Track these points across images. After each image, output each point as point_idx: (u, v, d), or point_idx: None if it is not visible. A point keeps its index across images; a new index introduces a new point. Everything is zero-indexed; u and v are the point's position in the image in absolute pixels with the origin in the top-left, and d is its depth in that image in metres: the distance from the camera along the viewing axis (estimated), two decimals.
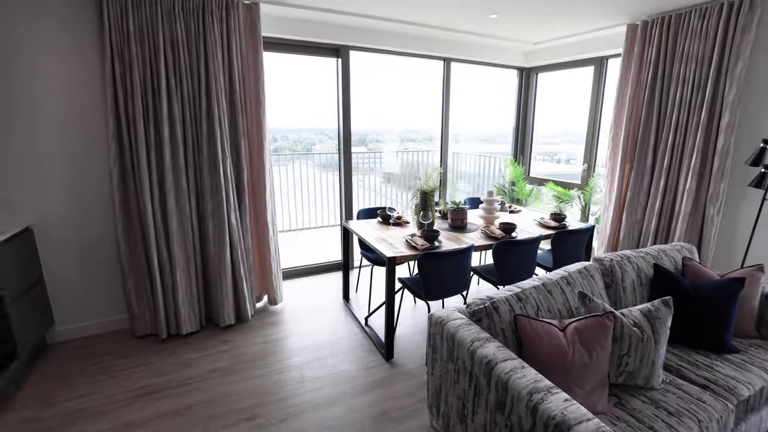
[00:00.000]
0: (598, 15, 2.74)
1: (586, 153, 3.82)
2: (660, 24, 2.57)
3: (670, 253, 2.01)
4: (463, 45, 3.83)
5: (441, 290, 2.35)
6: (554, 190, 3.86)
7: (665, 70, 2.60)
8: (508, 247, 2.44)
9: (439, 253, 2.21)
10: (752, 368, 1.59)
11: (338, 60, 3.47)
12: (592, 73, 3.61)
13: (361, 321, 2.87)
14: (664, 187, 2.68)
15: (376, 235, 2.68)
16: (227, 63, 2.54)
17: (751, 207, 2.38)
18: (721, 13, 2.26)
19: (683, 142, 2.55)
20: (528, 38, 3.60)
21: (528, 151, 4.64)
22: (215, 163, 2.54)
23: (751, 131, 2.34)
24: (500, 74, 4.49)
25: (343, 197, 3.75)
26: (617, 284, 1.82)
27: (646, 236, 2.85)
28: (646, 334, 1.42)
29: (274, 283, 3.06)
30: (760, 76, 2.26)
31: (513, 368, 1.25)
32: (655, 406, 1.39)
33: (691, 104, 2.47)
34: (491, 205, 3.11)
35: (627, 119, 2.86)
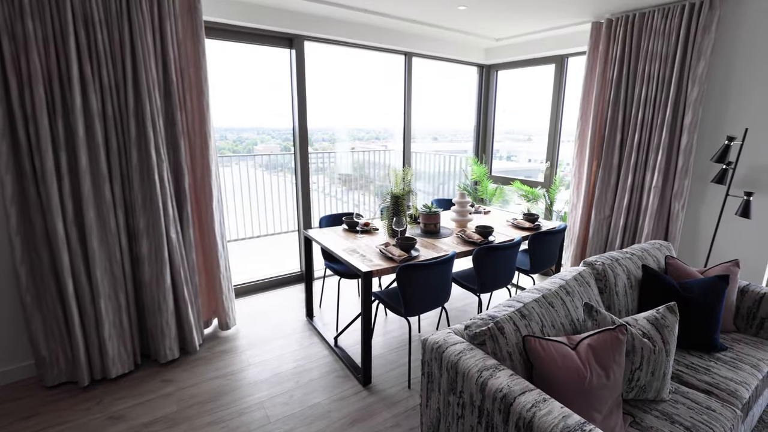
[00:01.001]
0: (564, 12, 2.76)
1: (548, 151, 3.90)
2: (624, 23, 2.64)
3: (653, 252, 2.02)
4: (426, 39, 3.73)
5: (422, 304, 2.18)
6: (521, 189, 3.89)
7: (630, 68, 2.67)
8: (488, 253, 2.34)
9: (420, 265, 2.04)
10: (744, 366, 1.61)
11: (292, 51, 3.18)
12: (553, 71, 3.68)
13: (330, 341, 2.62)
14: (631, 184, 2.76)
15: (344, 246, 2.45)
16: (160, 49, 2.16)
17: (712, 203, 2.51)
18: (683, 13, 2.35)
19: (649, 140, 2.64)
20: (491, 34, 3.57)
21: (490, 150, 4.67)
22: (148, 168, 2.15)
23: (712, 129, 2.47)
24: (460, 71, 4.46)
25: (300, 202, 3.46)
26: (611, 289, 1.77)
27: (614, 233, 2.93)
28: (657, 345, 1.36)
29: (226, 304, 2.71)
30: (721, 75, 2.39)
31: (534, 403, 1.10)
32: (670, 422, 1.33)
33: (655, 102, 2.56)
34: (463, 207, 3.01)
35: (593, 117, 2.92)
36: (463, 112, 4.79)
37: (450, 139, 6.29)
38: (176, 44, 2.24)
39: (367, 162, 5.58)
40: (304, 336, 2.73)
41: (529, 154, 5.78)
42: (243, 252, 4.56)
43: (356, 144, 6.46)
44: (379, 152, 5.65)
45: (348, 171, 5.59)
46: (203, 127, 2.39)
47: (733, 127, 2.36)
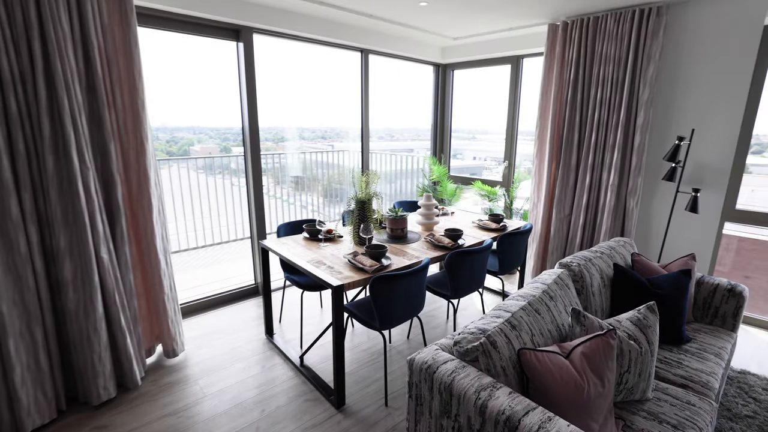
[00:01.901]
0: (522, 13, 2.81)
1: (506, 150, 4.00)
2: (579, 26, 2.75)
3: (619, 249, 2.11)
4: (384, 36, 3.64)
5: (397, 316, 2.09)
6: (482, 189, 3.95)
7: (586, 70, 2.79)
8: (461, 258, 2.30)
9: (395, 275, 1.94)
10: (709, 356, 1.72)
11: (239, 44, 2.93)
12: (509, 72, 3.77)
13: (295, 360, 2.44)
14: (589, 182, 2.89)
15: (309, 257, 2.29)
16: (79, 34, 1.85)
17: (663, 199, 2.70)
18: (634, 18, 2.50)
19: (605, 140, 2.78)
20: (449, 33, 3.58)
21: (448, 149, 4.71)
22: (69, 176, 1.83)
23: (661, 129, 2.65)
24: (416, 70, 4.44)
25: (253, 208, 3.22)
26: (587, 289, 1.80)
27: (574, 231, 3.05)
28: (644, 347, 1.39)
29: (172, 328, 2.42)
30: (668, 78, 2.56)
31: (540, 424, 1.05)
32: (658, 422, 1.35)
33: (610, 103, 2.69)
34: (430, 209, 2.97)
35: (552, 117, 3.02)
36: (420, 111, 4.79)
37: (406, 138, 6.28)
38: (100, 29, 1.93)
39: (319, 163, 5.38)
40: (266, 357, 2.52)
41: (474, 152, 5.93)
42: (186, 265, 4.17)
43: (301, 144, 6.22)
44: (334, 153, 5.48)
45: (299, 173, 5.35)
46: (138, 128, 2.10)
47: (680, 128, 2.55)
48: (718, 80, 2.36)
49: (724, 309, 1.97)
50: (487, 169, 5.76)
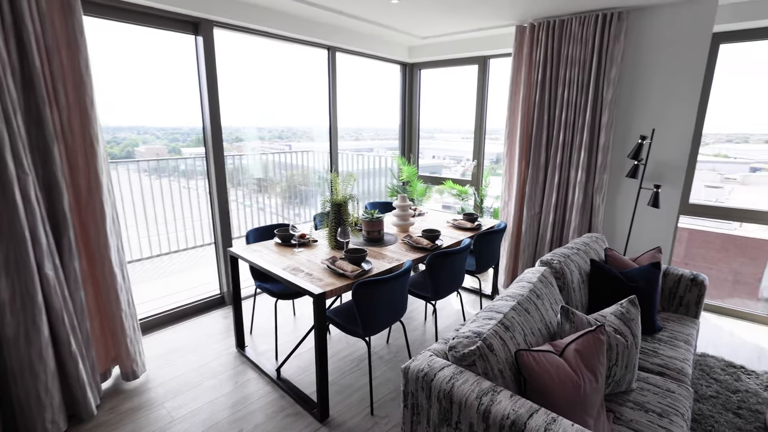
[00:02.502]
0: (490, 14, 2.87)
1: (474, 149, 4.08)
2: (546, 28, 2.85)
3: (593, 245, 2.20)
4: (351, 33, 3.58)
5: (381, 322, 2.05)
6: (454, 188, 4.00)
7: (552, 71, 2.90)
8: (442, 259, 2.30)
9: (379, 280, 1.90)
10: (679, 343, 1.83)
11: (198, 38, 2.76)
12: (477, 72, 3.85)
13: (271, 374, 2.33)
14: (558, 181, 3.01)
15: (284, 264, 2.19)
16: (10, 19, 1.64)
17: (627, 195, 2.87)
18: (597, 22, 2.62)
19: (572, 139, 2.90)
20: (418, 32, 3.58)
21: (416, 149, 4.73)
22: (3, 184, 1.62)
23: (624, 128, 2.80)
24: (382, 69, 4.42)
25: (217, 213, 3.04)
26: (568, 286, 1.86)
27: (544, 228, 3.17)
28: (629, 340, 1.44)
29: (131, 348, 2.22)
30: (630, 79, 2.72)
31: (546, 426, 1.05)
32: (644, 411, 1.42)
33: (577, 104, 2.81)
34: (405, 210, 2.96)
35: (521, 117, 3.11)
36: (387, 111, 4.78)
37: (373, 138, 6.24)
38: (37, 15, 1.72)
39: (282, 164, 5.20)
40: (238, 371, 2.38)
41: (433, 151, 6.01)
42: (142, 276, 3.87)
43: (260, 144, 5.98)
44: (298, 153, 5.32)
45: (260, 174, 5.14)
46: (87, 127, 1.90)
47: (641, 127, 2.71)
48: (675, 82, 2.54)
49: (687, 298, 2.12)
50: (446, 168, 5.84)
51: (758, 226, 3.27)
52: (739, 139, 3.06)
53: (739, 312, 2.99)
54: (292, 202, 5.33)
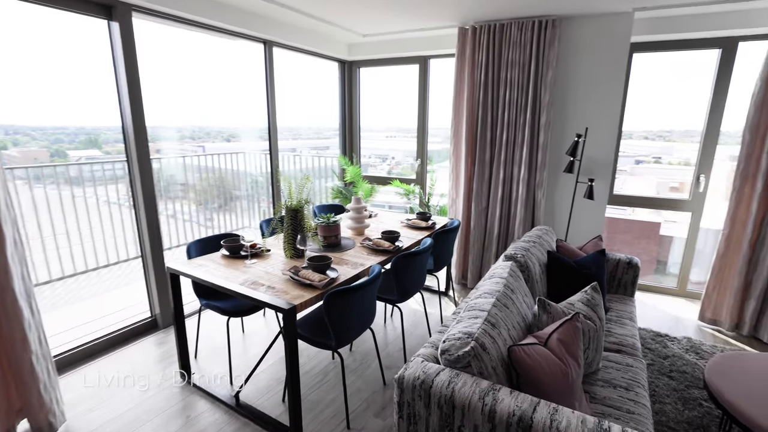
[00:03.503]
0: (435, 15, 2.95)
1: (417, 148, 4.18)
2: (487, 31, 3.01)
3: (545, 237, 2.38)
4: (289, 28, 3.43)
5: (353, 332, 2.00)
6: (401, 187, 4.06)
7: (494, 73, 3.08)
8: (407, 260, 2.31)
9: (351, 288, 1.84)
10: (626, 321, 2.07)
11: (113, 24, 2.42)
12: (417, 71, 3.94)
13: (228, 400, 2.14)
14: (503, 177, 3.21)
15: (239, 278, 2.02)
16: None
17: (564, 189, 3.16)
18: (534, 28, 2.84)
19: (514, 137, 3.11)
20: (360, 29, 3.55)
21: (358, 149, 4.71)
22: None
23: (561, 127, 3.08)
24: (320, 67, 4.32)
25: (144, 224, 2.72)
26: (532, 277, 1.99)
27: (491, 222, 3.36)
28: (597, 324, 1.59)
29: (45, 395, 1.89)
30: (564, 82, 2.99)
31: (550, 417, 1.10)
32: (612, 387, 1.57)
33: (518, 104, 3.02)
34: (360, 213, 2.92)
35: (466, 117, 3.25)
36: (325, 110, 4.68)
37: (312, 137, 6.06)
38: None
39: (210, 168, 4.80)
40: (187, 404, 2.15)
41: (361, 150, 6.08)
42: (49, 303, 3.29)
43: (178, 145, 5.47)
44: (227, 155, 4.96)
45: (185, 179, 4.68)
46: None
47: (575, 126, 3.01)
48: (601, 85, 2.86)
49: (625, 279, 2.40)
50: (372, 166, 5.94)
51: (648, 210, 3.87)
52: (625, 136, 3.55)
53: (654, 287, 3.47)
54: (223, 208, 4.95)
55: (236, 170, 4.97)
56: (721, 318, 2.78)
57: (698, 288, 3.27)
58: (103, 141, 4.37)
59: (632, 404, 1.48)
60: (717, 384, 1.54)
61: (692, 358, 2.37)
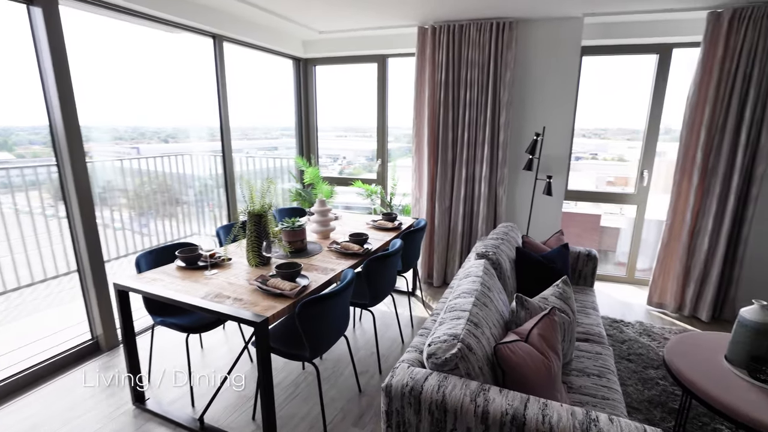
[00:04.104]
0: (395, 13, 2.95)
1: (378, 149, 4.16)
2: (447, 31, 3.06)
3: (511, 233, 2.46)
4: (241, 22, 3.26)
5: (328, 341, 1.93)
6: (363, 188, 4.02)
7: (455, 73, 3.13)
8: (379, 263, 2.28)
9: (325, 295, 1.78)
10: (590, 311, 2.19)
11: (34, 9, 2.15)
12: (376, 70, 3.92)
13: (191, 425, 1.99)
14: (465, 176, 3.28)
15: (200, 291, 1.89)
16: None
17: (524, 186, 3.29)
18: (492, 29, 2.93)
19: (476, 137, 3.19)
20: (316, 25, 3.46)
21: (316, 149, 4.61)
22: None
23: (520, 126, 3.20)
24: (276, 63, 4.16)
25: (79, 234, 2.46)
26: (504, 274, 2.04)
27: (455, 221, 3.43)
28: (570, 316, 1.66)
29: None
30: (522, 83, 3.11)
31: (542, 411, 1.13)
32: (586, 375, 1.65)
33: (478, 104, 3.10)
34: (325, 215, 2.85)
35: (428, 117, 3.28)
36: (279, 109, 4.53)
37: (265, 137, 5.82)
38: None
39: (153, 171, 4.45)
40: None
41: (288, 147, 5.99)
42: None
43: (91, 147, 5.01)
44: (171, 158, 4.63)
45: (119, 184, 4.29)
46: None
47: (533, 125, 3.14)
48: (556, 86, 3.02)
49: (585, 271, 2.55)
50: (323, 167, 5.89)
51: (589, 204, 4.16)
52: None
53: (606, 276, 3.74)
54: (164, 215, 4.60)
55: (182, 173, 4.66)
56: (666, 301, 3.05)
57: (644, 275, 3.57)
58: (14, 143, 3.87)
59: (606, 390, 1.57)
60: (677, 365, 1.67)
61: (646, 340, 2.58)
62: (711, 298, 2.82)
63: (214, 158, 4.74)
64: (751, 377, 1.58)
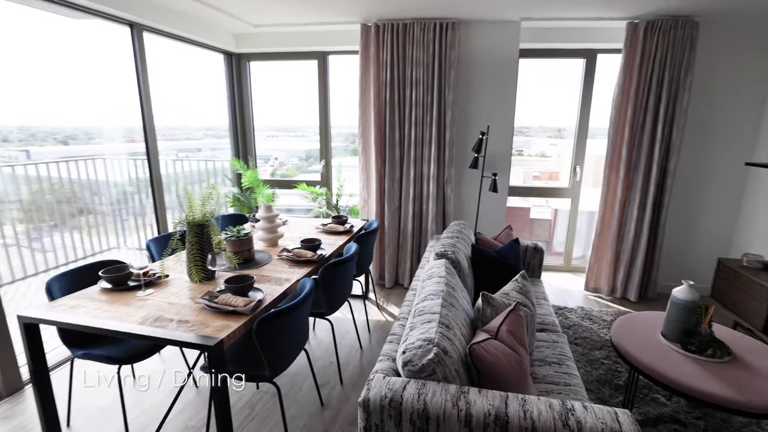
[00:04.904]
0: (336, 9, 2.88)
1: (321, 150, 4.06)
2: (391, 29, 3.06)
3: (465, 231, 2.53)
4: (164, 10, 2.97)
5: (288, 357, 1.83)
6: (308, 190, 3.89)
7: (400, 72, 3.15)
8: (336, 269, 2.22)
9: (284, 309, 1.68)
10: (542, 301, 2.33)
11: None
12: (317, 68, 3.81)
13: None
14: (414, 175, 3.32)
15: (134, 316, 1.68)
16: None
17: (471, 184, 3.41)
18: (435, 29, 2.99)
19: (422, 136, 3.24)
20: (250, 18, 3.27)
21: (254, 151, 4.38)
22: None
23: (465, 125, 3.30)
24: (206, 58, 3.86)
25: None
26: (463, 272, 2.09)
27: (405, 221, 3.45)
28: (531, 309, 1.74)
29: None
30: (466, 82, 3.21)
31: (522, 409, 1.16)
32: (547, 364, 1.74)
33: (424, 103, 3.15)
34: (272, 221, 2.71)
35: (374, 116, 3.26)
36: (210, 107, 4.23)
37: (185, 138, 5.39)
38: None
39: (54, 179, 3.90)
40: None
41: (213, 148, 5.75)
42: None
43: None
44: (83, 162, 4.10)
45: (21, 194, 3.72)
46: None
47: (477, 124, 3.27)
48: (498, 86, 3.17)
49: (533, 263, 2.71)
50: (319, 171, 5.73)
51: (517, 198, 4.47)
52: None
53: (546, 265, 4.01)
54: (75, 226, 4.07)
55: (93, 180, 4.15)
56: (601, 286, 3.36)
57: (579, 263, 3.89)
58: None
59: (567, 377, 1.67)
60: (624, 346, 1.83)
61: (588, 324, 2.81)
62: (638, 281, 3.17)
63: (133, 162, 4.29)
64: (683, 350, 1.79)
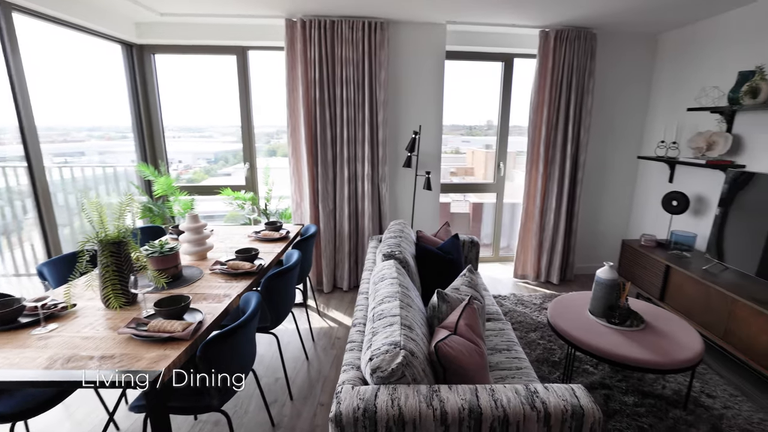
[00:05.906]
0: (257, 1, 2.74)
1: (245, 152, 3.84)
2: (318, 26, 2.98)
3: (405, 230, 2.58)
4: None
5: (237, 381, 1.69)
6: (234, 196, 3.64)
7: (329, 70, 3.09)
8: (279, 280, 2.12)
9: (230, 330, 1.56)
10: (483, 292, 2.46)
11: None
12: (235, 63, 3.58)
13: None
14: (348, 175, 3.30)
15: (36, 360, 1.43)
16: None
17: (405, 182, 3.48)
18: (365, 28, 2.98)
19: (355, 135, 3.23)
20: (156, 5, 2.95)
21: (164, 154, 3.98)
22: None
23: (396, 124, 3.36)
24: (95, 48, 3.40)
25: None
26: (411, 271, 2.13)
27: (341, 222, 3.42)
28: (482, 301, 1.84)
29: None
30: (397, 82, 3.26)
31: (492, 399, 1.22)
32: (498, 352, 1.86)
33: (356, 102, 3.14)
34: (200, 233, 2.50)
35: (304, 115, 3.17)
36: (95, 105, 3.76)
37: (63, 140, 4.69)
38: None
39: None
40: None
41: (127, 154, 5.28)
42: None
43: None
44: None
45: None
46: None
47: (409, 123, 3.34)
48: (427, 86, 3.28)
49: (470, 256, 2.86)
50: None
51: None
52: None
53: None
54: None
55: None
56: (528, 273, 3.68)
57: (505, 252, 4.21)
58: None
59: (518, 362, 1.80)
60: (561, 325, 2.03)
61: (521, 309, 3.06)
62: (558, 265, 3.54)
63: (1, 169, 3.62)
64: (608, 323, 2.04)
